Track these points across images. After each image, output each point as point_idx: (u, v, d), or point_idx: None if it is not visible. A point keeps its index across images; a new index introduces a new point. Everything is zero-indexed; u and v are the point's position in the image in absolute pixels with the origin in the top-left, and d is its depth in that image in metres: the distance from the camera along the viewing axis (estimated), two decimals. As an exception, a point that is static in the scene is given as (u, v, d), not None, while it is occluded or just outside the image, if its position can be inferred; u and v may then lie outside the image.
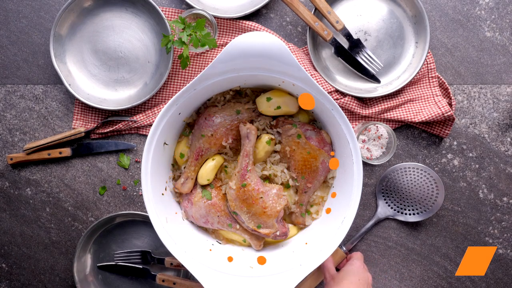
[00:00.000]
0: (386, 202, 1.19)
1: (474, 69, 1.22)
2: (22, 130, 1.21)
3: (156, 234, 1.20)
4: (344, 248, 1.17)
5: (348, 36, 1.18)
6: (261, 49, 0.89)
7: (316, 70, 1.18)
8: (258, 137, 1.05)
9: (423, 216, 1.18)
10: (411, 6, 1.18)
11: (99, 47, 1.19)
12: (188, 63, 1.11)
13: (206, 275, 0.94)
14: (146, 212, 1.20)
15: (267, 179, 1.07)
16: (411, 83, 1.20)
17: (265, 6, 1.21)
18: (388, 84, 1.20)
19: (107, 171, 1.22)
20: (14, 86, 1.21)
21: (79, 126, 1.20)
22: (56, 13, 1.20)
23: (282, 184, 1.06)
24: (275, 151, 1.07)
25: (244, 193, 0.99)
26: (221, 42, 1.20)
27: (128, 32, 1.19)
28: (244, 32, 1.18)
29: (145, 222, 1.21)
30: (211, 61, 1.19)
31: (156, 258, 1.20)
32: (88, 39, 1.18)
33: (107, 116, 1.21)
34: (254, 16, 1.21)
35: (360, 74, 1.20)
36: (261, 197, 1.00)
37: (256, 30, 1.18)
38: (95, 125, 1.20)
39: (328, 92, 1.17)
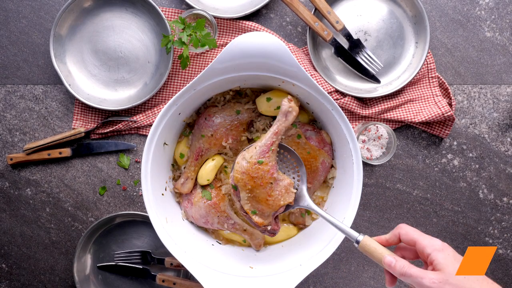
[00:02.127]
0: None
1: (474, 69, 1.22)
2: (22, 130, 1.21)
3: (156, 234, 1.20)
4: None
5: (348, 36, 1.18)
6: (261, 49, 0.89)
7: (316, 70, 1.18)
8: (257, 137, 1.05)
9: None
10: (411, 6, 1.18)
11: (99, 47, 1.19)
12: (188, 63, 1.11)
13: (206, 275, 0.94)
14: (146, 212, 1.20)
15: None
16: (411, 83, 1.20)
17: (265, 6, 1.21)
18: (388, 84, 1.20)
19: (107, 171, 1.22)
20: (14, 86, 1.21)
21: (79, 126, 1.20)
22: (56, 13, 1.20)
23: None
24: (275, 151, 1.07)
25: (256, 170, 0.90)
26: (221, 42, 1.20)
27: (128, 32, 1.19)
28: (244, 32, 1.18)
29: (145, 222, 1.21)
30: (211, 61, 1.19)
31: (156, 258, 1.20)
32: (88, 39, 1.18)
33: (107, 116, 1.21)
34: (254, 16, 1.21)
35: (360, 74, 1.20)
36: (271, 183, 0.91)
37: (256, 30, 1.18)
38: (95, 125, 1.20)
39: (328, 92, 1.17)
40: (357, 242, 0.81)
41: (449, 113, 1.15)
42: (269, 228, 0.95)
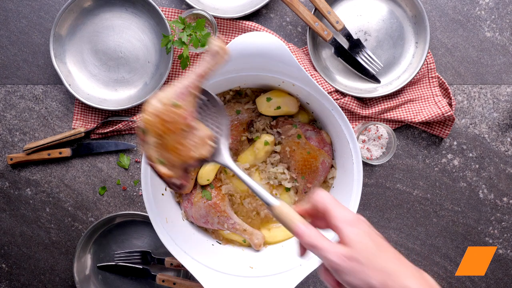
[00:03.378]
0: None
1: (474, 69, 1.22)
2: (22, 130, 1.21)
3: (156, 234, 1.20)
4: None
5: (348, 36, 1.18)
6: (261, 49, 0.89)
7: (316, 70, 1.18)
8: (257, 137, 1.05)
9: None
10: (411, 6, 1.18)
11: (99, 47, 1.19)
12: (188, 63, 1.11)
13: (206, 275, 0.94)
14: (146, 212, 1.20)
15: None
16: (411, 83, 1.20)
17: (265, 6, 1.21)
18: (388, 84, 1.20)
19: (107, 171, 1.22)
20: (14, 86, 1.21)
21: (79, 126, 1.20)
22: (56, 13, 1.20)
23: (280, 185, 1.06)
24: (275, 152, 1.07)
25: (170, 114, 0.76)
26: (221, 42, 1.20)
27: (128, 32, 1.19)
28: (244, 32, 1.18)
29: (145, 222, 1.21)
30: (211, 61, 1.19)
31: (156, 258, 1.20)
32: (88, 39, 1.18)
33: (107, 116, 1.21)
34: (254, 16, 1.21)
35: (360, 74, 1.20)
36: (184, 130, 0.78)
37: (256, 30, 1.18)
38: (95, 125, 1.20)
39: (328, 92, 1.17)
40: (271, 207, 0.70)
41: (449, 113, 1.15)
42: (174, 180, 0.81)
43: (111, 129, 1.19)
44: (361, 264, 0.59)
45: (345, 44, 1.20)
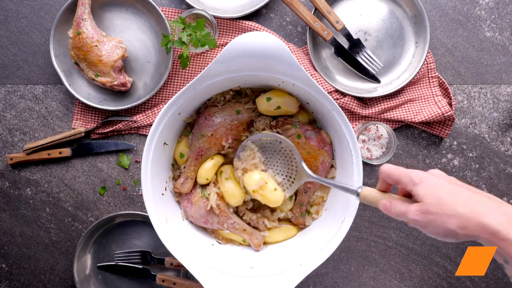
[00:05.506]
0: None
1: (474, 69, 1.22)
2: (22, 130, 1.21)
3: (156, 234, 1.20)
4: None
5: (348, 36, 1.18)
6: (261, 49, 0.89)
7: (316, 70, 1.18)
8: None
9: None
10: (411, 6, 1.18)
11: (99, 47, 1.19)
12: (188, 63, 1.11)
13: (206, 275, 0.94)
14: (146, 212, 1.20)
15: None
16: (411, 83, 1.20)
17: (265, 6, 1.21)
18: (388, 84, 1.20)
19: (107, 171, 1.22)
20: (14, 86, 1.21)
21: (79, 126, 1.20)
22: (56, 13, 1.20)
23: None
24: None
25: (79, 41, 1.09)
26: (221, 42, 1.20)
27: (128, 32, 1.19)
28: (244, 32, 1.18)
29: (145, 222, 1.21)
30: (211, 61, 1.19)
31: (156, 258, 1.20)
32: (88, 39, 1.18)
33: (107, 116, 1.21)
34: (254, 16, 1.21)
35: (360, 74, 1.20)
36: (96, 45, 1.09)
37: (256, 30, 1.18)
38: (95, 125, 1.20)
39: (328, 92, 1.17)
40: (358, 194, 0.81)
41: (449, 113, 1.15)
42: (116, 82, 1.11)
43: (111, 129, 1.19)
44: (435, 214, 0.66)
45: (345, 44, 1.20)
